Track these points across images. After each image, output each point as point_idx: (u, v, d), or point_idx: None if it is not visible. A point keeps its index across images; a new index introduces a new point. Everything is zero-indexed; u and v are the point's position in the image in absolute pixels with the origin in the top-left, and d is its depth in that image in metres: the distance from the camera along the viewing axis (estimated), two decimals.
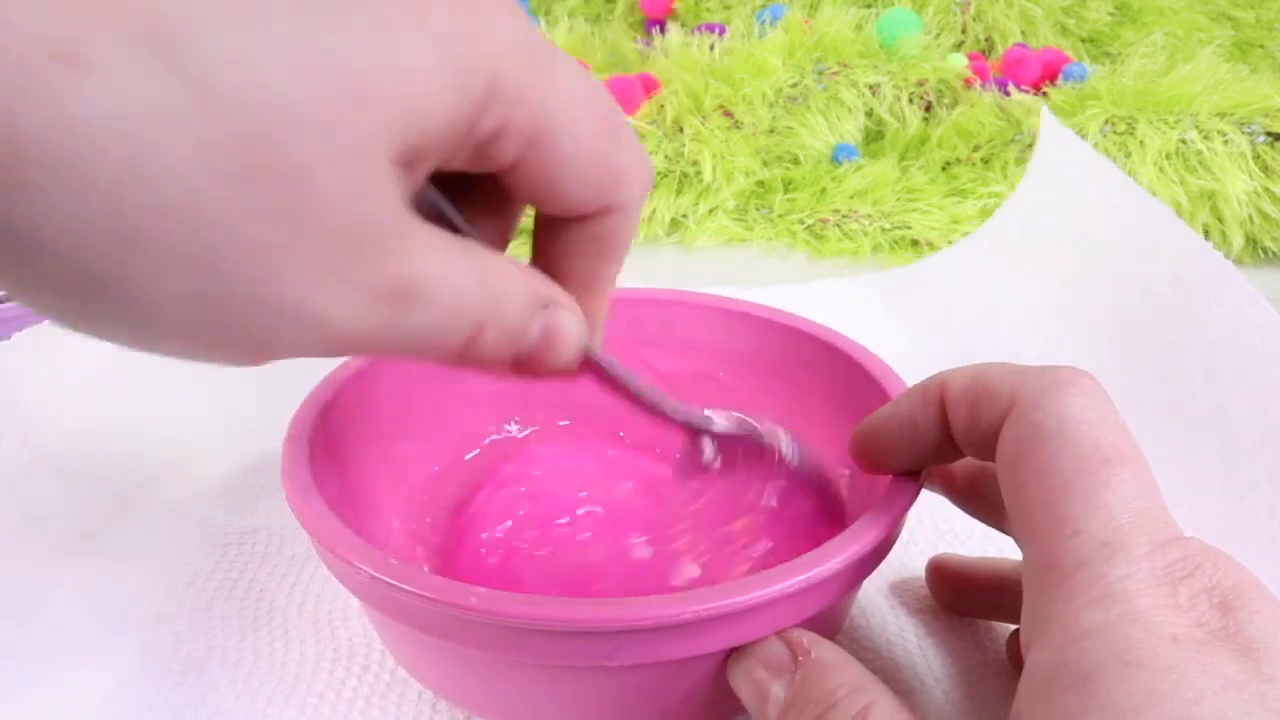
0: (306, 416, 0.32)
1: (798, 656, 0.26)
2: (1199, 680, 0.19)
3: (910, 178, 0.75)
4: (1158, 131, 0.67)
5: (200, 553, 0.38)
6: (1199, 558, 0.22)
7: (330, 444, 0.32)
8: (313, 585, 0.36)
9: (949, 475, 0.32)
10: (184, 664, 0.33)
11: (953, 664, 0.33)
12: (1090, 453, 0.23)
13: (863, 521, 0.27)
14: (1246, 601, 0.21)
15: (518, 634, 0.25)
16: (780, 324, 0.39)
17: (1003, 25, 0.93)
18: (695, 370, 0.40)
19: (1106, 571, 0.21)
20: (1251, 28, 1.00)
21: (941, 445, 0.28)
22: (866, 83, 0.80)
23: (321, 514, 0.28)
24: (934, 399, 0.28)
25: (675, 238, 0.73)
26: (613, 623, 0.24)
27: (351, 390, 0.34)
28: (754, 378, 0.40)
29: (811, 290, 0.61)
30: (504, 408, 0.41)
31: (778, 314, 0.39)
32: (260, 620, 0.35)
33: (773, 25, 0.85)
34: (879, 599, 0.36)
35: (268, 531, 0.39)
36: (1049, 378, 0.25)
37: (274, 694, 0.32)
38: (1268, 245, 0.66)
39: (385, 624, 0.30)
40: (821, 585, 0.26)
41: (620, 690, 0.28)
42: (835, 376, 0.37)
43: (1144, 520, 0.22)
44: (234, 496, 0.41)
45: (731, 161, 0.73)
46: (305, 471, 0.29)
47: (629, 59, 0.84)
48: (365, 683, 0.32)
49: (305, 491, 0.29)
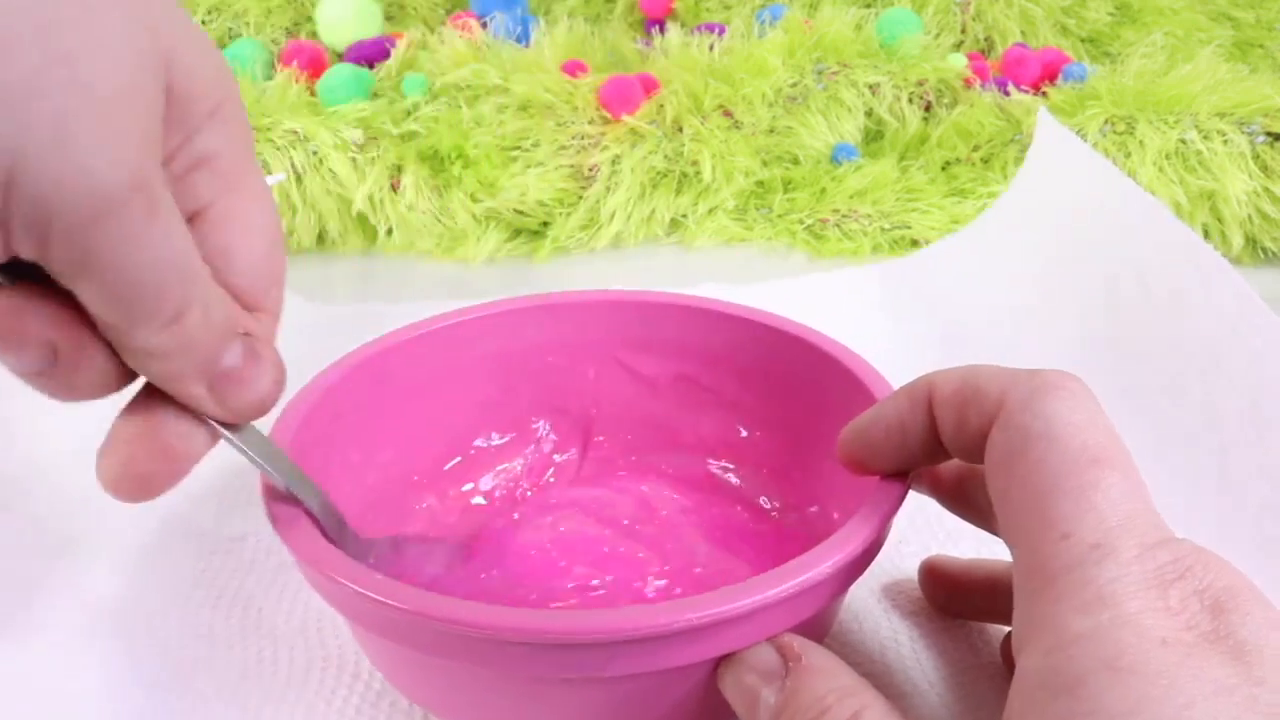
0: (286, 427, 0.32)
1: (788, 662, 0.26)
2: (1189, 685, 0.19)
3: (910, 178, 0.74)
4: (1157, 131, 0.67)
5: (188, 560, 0.38)
6: (1189, 560, 0.21)
7: (310, 455, 0.32)
8: (301, 593, 0.36)
9: (936, 477, 0.31)
10: (172, 672, 0.33)
11: (946, 666, 0.33)
12: (1079, 455, 0.23)
13: (851, 525, 0.27)
14: (1238, 604, 0.21)
15: (508, 647, 0.25)
16: (762, 324, 0.38)
17: (1002, 25, 0.93)
18: (676, 372, 0.40)
19: (1096, 575, 0.21)
20: (1251, 28, 0.99)
21: (929, 447, 0.28)
22: (866, 83, 0.79)
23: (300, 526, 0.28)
24: (921, 401, 0.28)
25: (675, 238, 0.72)
26: (605, 634, 0.24)
27: (331, 401, 0.34)
28: (735, 379, 0.40)
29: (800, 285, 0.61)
30: (484, 419, 0.40)
31: (759, 314, 0.39)
32: (249, 628, 0.35)
33: (772, 25, 0.84)
34: (871, 602, 0.36)
35: (256, 538, 0.39)
36: (1037, 380, 0.25)
37: (263, 703, 0.32)
38: (1267, 245, 0.66)
39: (371, 640, 0.30)
40: (811, 590, 0.26)
41: (612, 700, 0.27)
42: (819, 377, 0.36)
43: (1133, 523, 0.22)
44: (222, 503, 0.41)
45: (731, 161, 0.73)
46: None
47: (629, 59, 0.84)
48: (355, 691, 0.32)
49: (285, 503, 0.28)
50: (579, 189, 0.71)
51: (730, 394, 0.40)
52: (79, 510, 0.40)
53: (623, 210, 0.70)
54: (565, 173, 0.71)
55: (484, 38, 0.80)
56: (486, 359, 0.39)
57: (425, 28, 0.88)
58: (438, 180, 0.70)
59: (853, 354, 0.36)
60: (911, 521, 0.39)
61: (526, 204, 0.70)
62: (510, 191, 0.69)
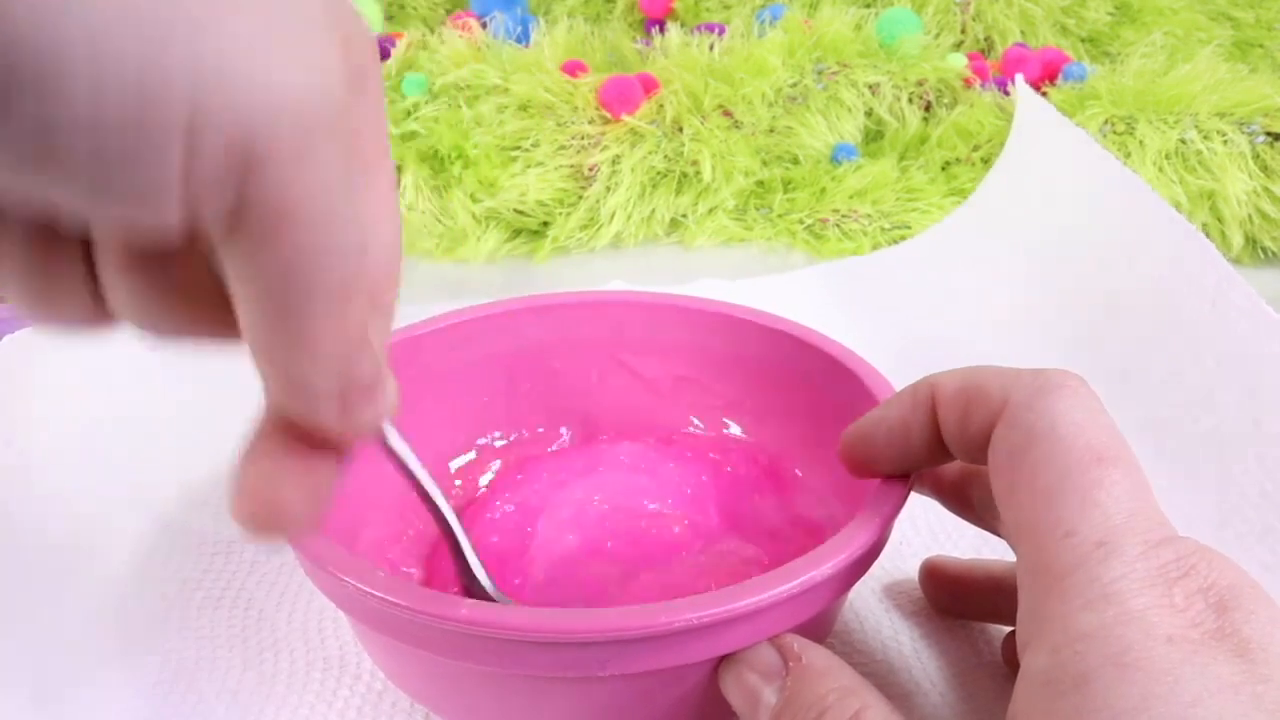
0: None
1: (789, 662, 0.26)
2: (1195, 682, 0.19)
3: (910, 177, 0.74)
4: (1157, 131, 0.67)
5: (188, 561, 0.38)
6: (1193, 558, 0.22)
7: None
8: (302, 594, 0.36)
9: (938, 478, 0.31)
10: (173, 674, 0.33)
11: (948, 667, 0.33)
12: (1082, 454, 0.23)
13: (852, 526, 0.27)
14: (1242, 601, 0.21)
15: (509, 646, 0.25)
16: (763, 325, 0.38)
17: (1002, 25, 0.93)
18: (678, 374, 0.40)
19: (1101, 572, 0.21)
20: (1251, 28, 0.99)
21: (931, 448, 0.28)
22: (866, 82, 0.79)
23: None
24: (924, 402, 0.28)
25: (675, 238, 0.72)
26: (604, 633, 0.24)
27: None
28: (737, 380, 0.40)
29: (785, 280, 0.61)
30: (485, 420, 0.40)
31: (761, 315, 0.39)
32: (249, 629, 0.35)
33: (772, 25, 0.84)
34: (873, 602, 0.36)
35: None
36: (1040, 380, 0.25)
37: (264, 704, 0.32)
38: (1267, 245, 0.66)
39: (372, 638, 0.30)
40: (812, 591, 0.26)
41: (612, 700, 0.27)
42: (820, 379, 0.36)
43: (1138, 520, 0.22)
44: (222, 504, 0.41)
45: (731, 161, 0.73)
46: None
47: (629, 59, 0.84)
48: (356, 693, 0.32)
49: None
50: (579, 189, 0.71)
51: (732, 395, 0.40)
52: (80, 512, 0.40)
53: (623, 210, 0.70)
54: (565, 173, 0.71)
55: (484, 38, 0.80)
56: (487, 359, 0.39)
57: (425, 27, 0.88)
58: (438, 180, 0.70)
59: (853, 354, 0.36)
60: (913, 522, 0.39)
61: (526, 204, 0.70)
62: (510, 191, 0.69)
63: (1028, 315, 0.52)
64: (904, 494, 0.29)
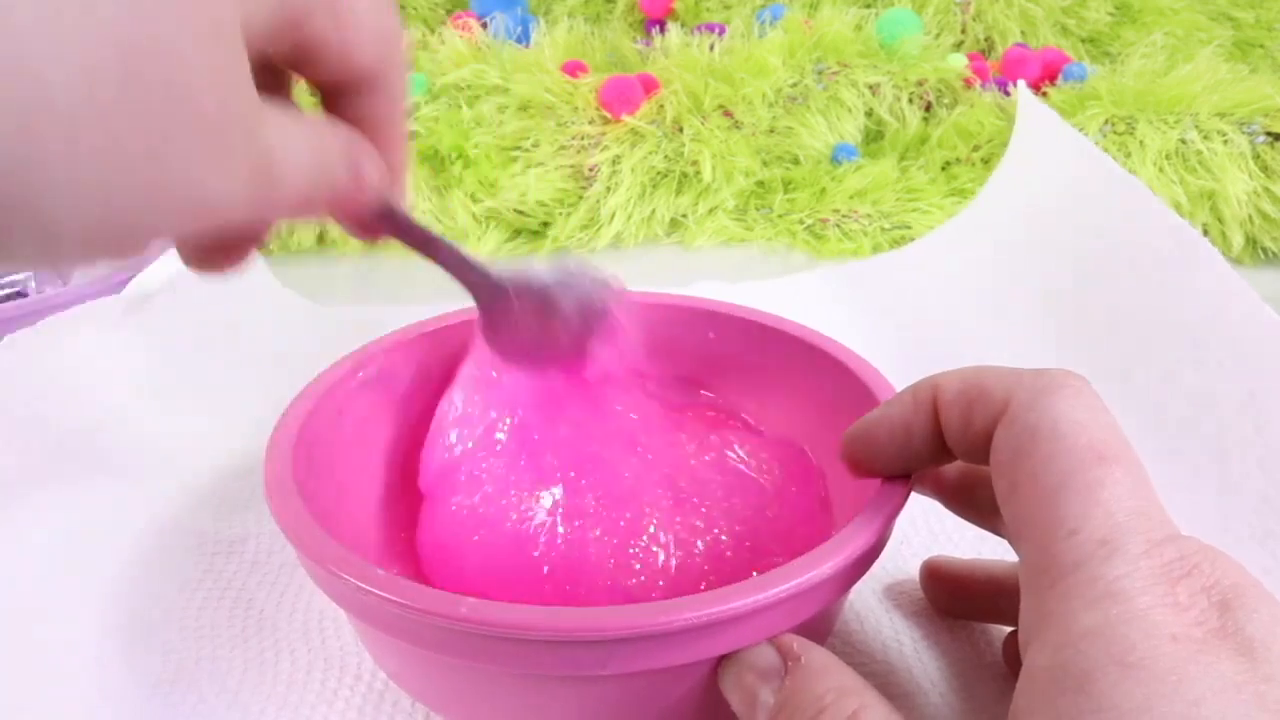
0: (289, 426, 0.32)
1: (787, 662, 0.26)
2: (1199, 681, 0.19)
3: (910, 178, 0.74)
4: (1158, 131, 0.67)
5: (189, 561, 0.38)
6: (1196, 557, 0.21)
7: (314, 454, 0.32)
8: (303, 594, 0.36)
9: (939, 478, 0.31)
10: (174, 674, 0.33)
11: (948, 667, 0.33)
12: (1085, 453, 0.23)
13: (853, 526, 0.27)
14: (1245, 600, 0.21)
15: (509, 644, 0.25)
16: (763, 325, 0.38)
17: (1003, 25, 0.93)
18: (677, 374, 0.40)
19: (1104, 571, 0.21)
20: (1251, 28, 0.99)
21: (933, 448, 0.28)
22: (866, 83, 0.79)
23: (305, 524, 0.28)
24: (926, 402, 0.28)
25: (675, 238, 0.72)
26: (604, 632, 0.24)
27: (333, 402, 0.34)
28: (737, 380, 0.40)
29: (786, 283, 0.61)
30: None
31: (761, 315, 0.39)
32: (250, 629, 0.35)
33: (773, 25, 0.84)
34: (873, 602, 0.36)
35: (257, 540, 0.39)
36: (1042, 380, 0.25)
37: (265, 704, 0.32)
38: (1267, 245, 0.66)
39: (373, 636, 0.30)
40: (812, 591, 0.26)
41: (611, 699, 0.27)
42: (820, 379, 0.36)
43: (1140, 519, 0.22)
44: (223, 504, 0.41)
45: (731, 161, 0.73)
46: (289, 481, 0.29)
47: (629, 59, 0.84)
48: (357, 693, 0.32)
49: (289, 501, 0.28)
50: (579, 189, 0.71)
51: (731, 395, 0.40)
52: (80, 512, 0.40)
53: (623, 210, 0.70)
54: (565, 173, 0.71)
55: (484, 38, 0.80)
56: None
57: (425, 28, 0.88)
58: (438, 180, 0.70)
59: (854, 354, 0.36)
60: (913, 523, 0.39)
61: (526, 204, 0.70)
62: (510, 191, 0.69)
63: (1028, 317, 0.52)
64: (904, 494, 0.29)
